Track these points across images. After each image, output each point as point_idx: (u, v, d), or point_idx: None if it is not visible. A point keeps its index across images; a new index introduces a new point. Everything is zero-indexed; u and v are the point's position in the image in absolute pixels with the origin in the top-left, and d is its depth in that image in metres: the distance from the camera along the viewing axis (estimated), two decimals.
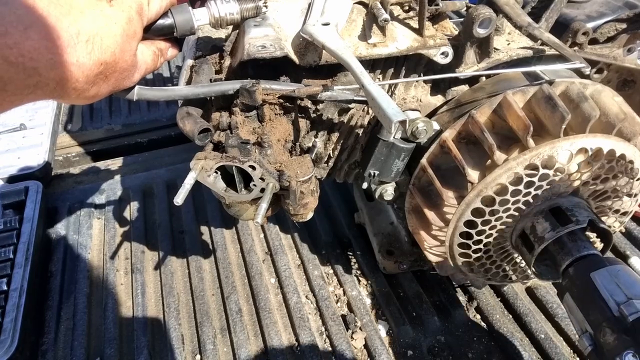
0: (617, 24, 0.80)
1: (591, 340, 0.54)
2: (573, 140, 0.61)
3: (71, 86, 0.46)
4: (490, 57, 0.71)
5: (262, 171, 0.64)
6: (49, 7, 0.42)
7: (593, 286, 0.55)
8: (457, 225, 0.68)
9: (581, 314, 0.55)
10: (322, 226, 1.15)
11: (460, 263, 0.74)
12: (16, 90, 0.42)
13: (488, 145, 0.63)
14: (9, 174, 1.29)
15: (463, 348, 0.92)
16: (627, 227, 1.08)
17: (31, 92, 0.43)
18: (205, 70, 0.69)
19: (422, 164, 0.71)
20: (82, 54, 0.45)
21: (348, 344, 0.91)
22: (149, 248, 1.14)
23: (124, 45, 0.49)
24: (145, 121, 1.62)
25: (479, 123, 0.64)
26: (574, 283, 0.57)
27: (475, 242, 0.69)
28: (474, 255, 0.72)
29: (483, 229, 0.67)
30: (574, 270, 0.58)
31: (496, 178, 0.63)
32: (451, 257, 0.75)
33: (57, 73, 0.43)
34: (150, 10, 0.53)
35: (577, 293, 0.56)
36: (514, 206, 0.65)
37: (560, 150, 0.61)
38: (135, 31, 0.50)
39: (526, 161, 0.62)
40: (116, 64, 0.49)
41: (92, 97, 0.50)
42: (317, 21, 0.64)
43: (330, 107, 0.71)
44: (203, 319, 0.97)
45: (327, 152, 0.80)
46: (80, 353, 0.93)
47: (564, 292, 0.59)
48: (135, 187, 1.30)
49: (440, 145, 0.69)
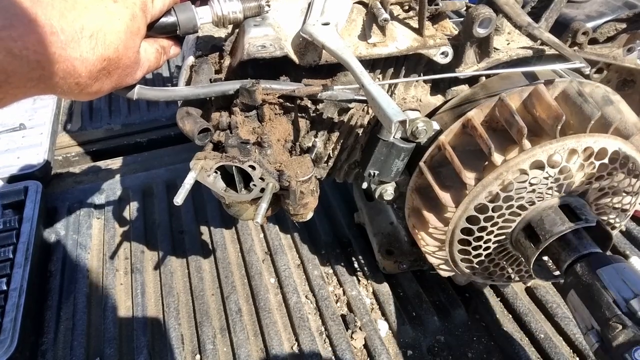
0: (617, 23, 0.80)
1: (598, 337, 0.54)
2: (597, 138, 0.62)
3: (74, 81, 0.46)
4: (490, 56, 0.71)
5: (262, 171, 0.64)
6: (54, 1, 0.43)
7: (600, 283, 0.55)
8: (468, 208, 0.67)
9: (587, 311, 0.55)
10: (322, 226, 1.15)
11: (459, 260, 0.74)
12: (20, 83, 0.42)
13: (518, 128, 0.62)
14: (9, 174, 1.29)
15: (463, 348, 0.92)
16: (627, 227, 1.08)
17: (34, 85, 0.43)
18: (205, 70, 0.69)
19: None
20: (85, 49, 0.45)
21: (348, 343, 0.91)
22: (149, 248, 1.14)
23: (128, 41, 0.49)
24: (145, 121, 1.62)
25: (509, 106, 0.63)
26: (580, 279, 0.57)
27: (476, 238, 0.70)
28: (474, 251, 0.72)
29: (485, 225, 0.67)
30: (581, 267, 0.58)
31: (519, 162, 0.62)
32: (451, 254, 0.75)
33: (61, 67, 0.44)
34: (154, 8, 0.53)
35: (584, 289, 0.56)
36: (517, 203, 0.65)
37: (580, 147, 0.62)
38: (139, 28, 0.50)
39: (549, 151, 0.61)
40: (119, 60, 0.49)
41: (95, 93, 0.50)
42: (317, 21, 0.64)
43: (330, 106, 0.71)
44: (203, 318, 0.97)
45: (327, 152, 0.80)
46: (79, 353, 0.93)
47: (568, 289, 0.59)
48: (134, 187, 1.30)
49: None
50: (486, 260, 0.74)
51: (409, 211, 0.77)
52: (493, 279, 0.79)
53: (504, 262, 0.76)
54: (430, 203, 0.73)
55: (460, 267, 0.76)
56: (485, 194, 0.65)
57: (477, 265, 0.75)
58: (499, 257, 0.75)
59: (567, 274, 0.60)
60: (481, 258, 0.73)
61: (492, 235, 0.69)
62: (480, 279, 0.81)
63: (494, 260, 0.75)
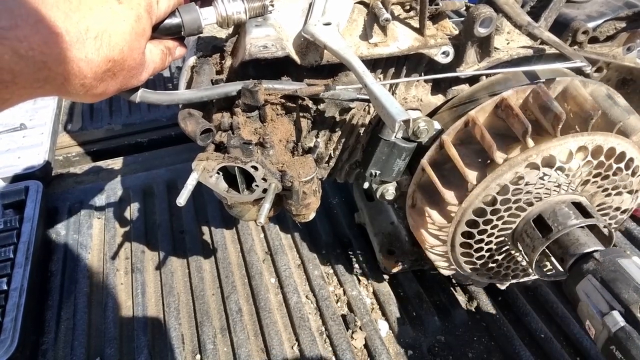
0: (617, 22, 0.80)
1: (621, 316, 0.56)
2: (620, 140, 0.65)
3: (79, 82, 0.46)
4: (491, 56, 0.71)
5: (265, 172, 0.64)
6: (58, 2, 0.43)
7: (622, 269, 0.58)
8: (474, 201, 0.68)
9: (609, 294, 0.57)
10: (323, 226, 1.15)
11: (461, 258, 0.75)
12: (26, 84, 0.42)
13: (555, 114, 0.63)
14: (9, 174, 1.29)
15: (463, 348, 0.92)
16: (627, 227, 1.08)
17: (40, 86, 0.44)
18: (206, 71, 0.69)
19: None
20: (90, 50, 0.45)
21: (348, 343, 0.91)
22: (149, 248, 1.14)
23: (133, 43, 0.49)
24: (146, 121, 1.62)
25: (547, 94, 0.65)
26: (600, 265, 0.59)
27: (486, 222, 0.70)
28: (476, 248, 0.73)
29: (491, 218, 0.68)
30: (600, 255, 0.60)
31: (550, 148, 0.64)
32: (452, 251, 0.75)
33: (66, 68, 0.44)
34: (159, 9, 0.52)
35: (606, 274, 0.58)
36: (537, 190, 0.66)
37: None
38: (144, 29, 0.50)
39: (580, 142, 0.64)
40: (124, 61, 0.49)
41: (100, 94, 0.50)
42: (319, 21, 0.64)
43: (331, 106, 0.71)
44: (203, 318, 0.97)
45: (328, 152, 0.80)
46: (80, 353, 0.93)
47: (581, 276, 0.60)
48: (135, 187, 1.30)
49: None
50: (493, 243, 0.74)
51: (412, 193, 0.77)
52: (491, 275, 0.80)
53: (505, 255, 0.76)
54: (433, 198, 0.73)
55: (461, 263, 0.76)
56: (511, 175, 0.65)
57: (484, 253, 0.75)
58: (500, 251, 0.75)
59: (579, 264, 0.61)
60: (490, 244, 0.73)
61: (501, 221, 0.70)
62: (481, 277, 0.81)
63: (497, 246, 0.75)
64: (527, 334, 0.93)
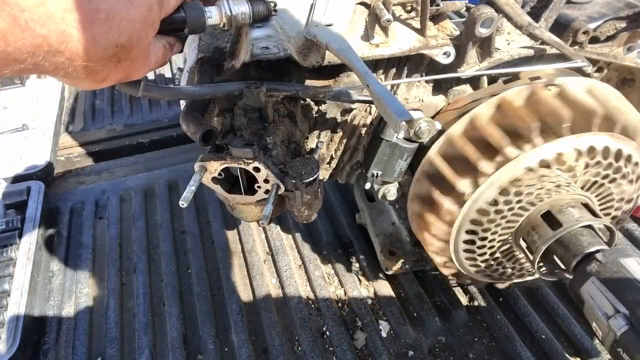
0: (617, 22, 0.80)
1: (626, 319, 0.55)
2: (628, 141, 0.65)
3: (82, 64, 0.44)
4: (492, 56, 0.71)
5: (267, 173, 0.64)
6: None
7: (625, 269, 0.57)
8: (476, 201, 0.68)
9: (613, 296, 0.57)
10: (324, 227, 1.15)
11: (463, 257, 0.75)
12: (19, 57, 0.40)
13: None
14: (11, 174, 1.29)
15: (464, 348, 0.92)
16: (627, 227, 1.08)
17: (39, 61, 0.41)
18: (208, 72, 0.69)
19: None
20: (98, 32, 0.43)
21: (349, 344, 0.92)
22: (151, 248, 1.14)
23: (141, 32, 0.47)
24: (147, 121, 1.63)
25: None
26: (603, 266, 0.59)
27: (496, 211, 0.70)
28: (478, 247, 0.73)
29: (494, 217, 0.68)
30: (603, 256, 0.60)
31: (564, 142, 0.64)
32: (455, 251, 0.75)
33: (69, 46, 0.42)
34: (169, 3, 0.51)
35: (609, 276, 0.58)
36: (547, 185, 0.66)
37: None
38: (153, 20, 0.49)
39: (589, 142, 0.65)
40: (131, 49, 0.47)
41: (100, 81, 0.48)
42: (320, 22, 0.64)
43: (333, 107, 0.71)
44: (204, 318, 0.98)
45: (330, 153, 0.80)
46: (81, 352, 0.93)
47: (585, 278, 0.60)
48: (137, 187, 1.30)
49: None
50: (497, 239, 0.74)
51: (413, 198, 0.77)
52: (489, 272, 0.80)
53: (506, 253, 0.76)
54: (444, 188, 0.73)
55: (462, 261, 0.76)
56: (521, 171, 0.66)
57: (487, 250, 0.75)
58: (502, 249, 0.75)
59: (583, 265, 0.61)
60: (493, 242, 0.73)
61: (515, 207, 0.69)
62: (481, 276, 0.81)
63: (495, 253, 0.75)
64: (528, 334, 0.93)
